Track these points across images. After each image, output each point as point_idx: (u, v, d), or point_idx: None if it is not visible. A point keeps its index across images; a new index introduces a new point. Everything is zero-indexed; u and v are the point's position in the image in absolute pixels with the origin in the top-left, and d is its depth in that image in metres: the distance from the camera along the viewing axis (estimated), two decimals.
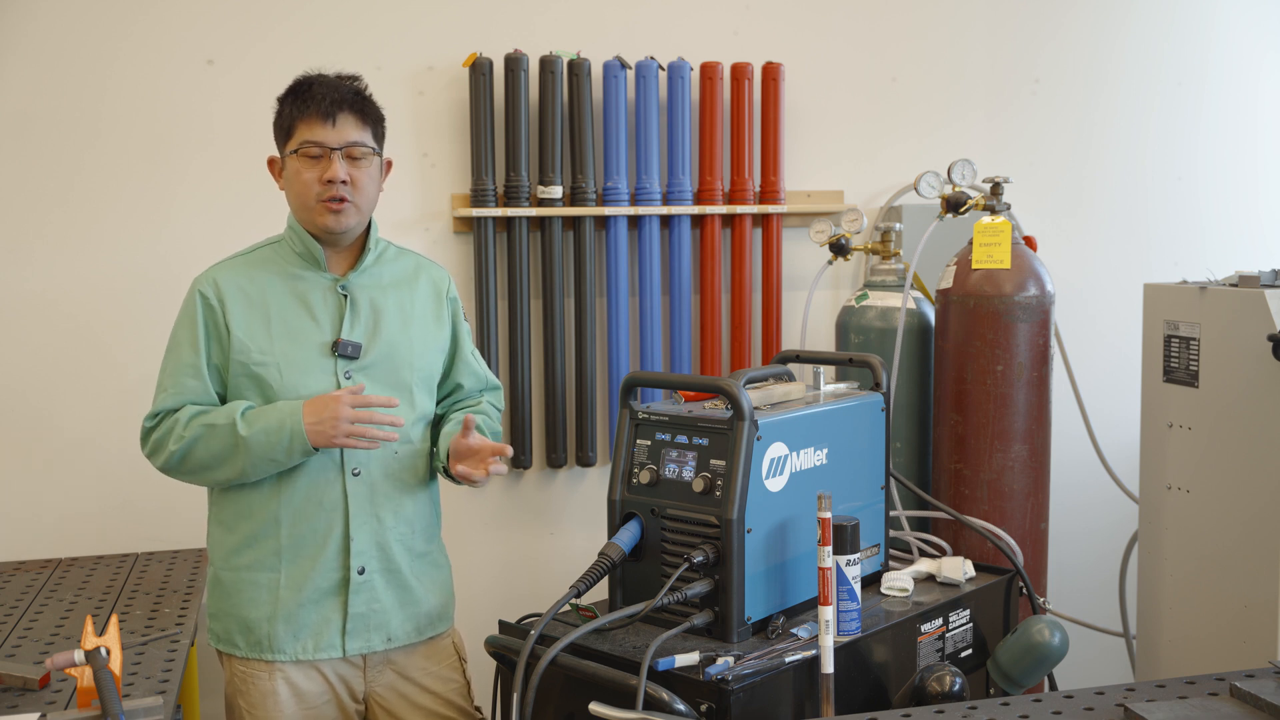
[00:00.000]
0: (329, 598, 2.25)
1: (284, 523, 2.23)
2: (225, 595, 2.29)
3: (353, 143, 2.21)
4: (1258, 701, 1.79)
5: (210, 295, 2.24)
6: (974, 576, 2.49)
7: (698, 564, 2.09)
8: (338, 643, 2.27)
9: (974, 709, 1.91)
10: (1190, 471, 2.86)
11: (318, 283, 2.28)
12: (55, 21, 2.96)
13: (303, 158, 2.21)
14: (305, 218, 2.25)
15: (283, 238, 2.32)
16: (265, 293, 2.25)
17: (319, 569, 2.24)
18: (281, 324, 2.23)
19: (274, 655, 2.25)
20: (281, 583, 2.24)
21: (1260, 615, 2.68)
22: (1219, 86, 3.98)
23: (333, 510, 2.24)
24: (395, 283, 2.34)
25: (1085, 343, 3.75)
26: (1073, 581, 3.79)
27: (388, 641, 2.31)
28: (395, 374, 2.30)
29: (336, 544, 2.25)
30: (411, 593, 2.33)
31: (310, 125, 2.20)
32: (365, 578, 2.26)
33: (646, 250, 3.34)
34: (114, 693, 1.72)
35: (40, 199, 2.99)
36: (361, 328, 2.27)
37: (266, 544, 2.25)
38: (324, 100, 2.19)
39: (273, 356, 2.22)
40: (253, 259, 2.30)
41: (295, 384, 2.21)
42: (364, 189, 2.24)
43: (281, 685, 2.26)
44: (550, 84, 3.19)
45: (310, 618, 2.25)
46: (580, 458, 3.34)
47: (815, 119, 3.56)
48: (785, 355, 2.63)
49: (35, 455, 3.03)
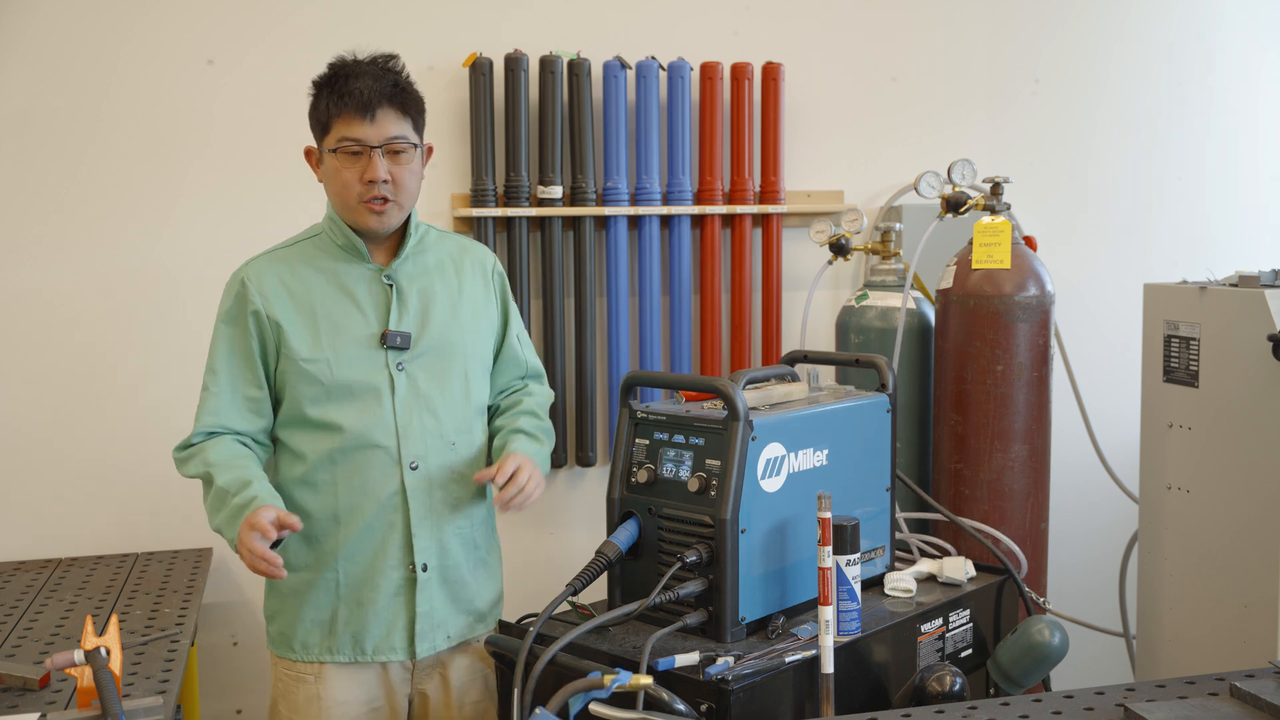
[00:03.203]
0: (393, 597, 2.20)
1: (342, 521, 2.19)
2: (281, 598, 2.24)
3: (393, 138, 2.14)
4: (1258, 701, 1.79)
5: (254, 291, 2.17)
6: (974, 576, 2.49)
7: (691, 563, 2.09)
8: (400, 645, 2.22)
9: (974, 709, 1.91)
10: (1190, 471, 2.86)
11: (362, 274, 2.22)
12: (55, 22, 2.96)
13: (342, 156, 2.14)
14: (346, 216, 2.20)
15: (322, 229, 2.26)
16: (309, 287, 2.19)
17: (381, 568, 2.19)
18: (328, 318, 2.18)
19: (332, 656, 2.20)
20: (341, 582, 2.20)
21: (1260, 615, 2.68)
22: (1219, 86, 3.98)
23: (391, 507, 2.19)
24: (440, 267, 2.29)
25: (1085, 343, 3.75)
26: (1073, 581, 3.79)
27: (447, 640, 2.27)
28: (447, 363, 2.25)
29: (399, 541, 2.20)
30: (468, 589, 2.29)
31: (349, 122, 2.12)
32: (428, 575, 2.22)
33: (646, 250, 3.34)
34: (114, 693, 1.72)
35: (40, 199, 2.99)
36: (410, 317, 2.22)
37: (324, 543, 2.20)
38: (361, 95, 2.11)
39: (321, 353, 2.16)
40: (292, 253, 2.23)
41: (346, 378, 2.17)
42: (405, 186, 2.17)
43: (327, 691, 2.21)
44: (550, 84, 3.19)
45: (374, 619, 2.20)
46: (580, 457, 3.34)
47: (815, 119, 3.56)
48: (793, 356, 2.62)
49: (35, 455, 3.03)
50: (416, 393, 2.21)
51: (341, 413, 2.17)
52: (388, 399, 2.19)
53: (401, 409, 2.20)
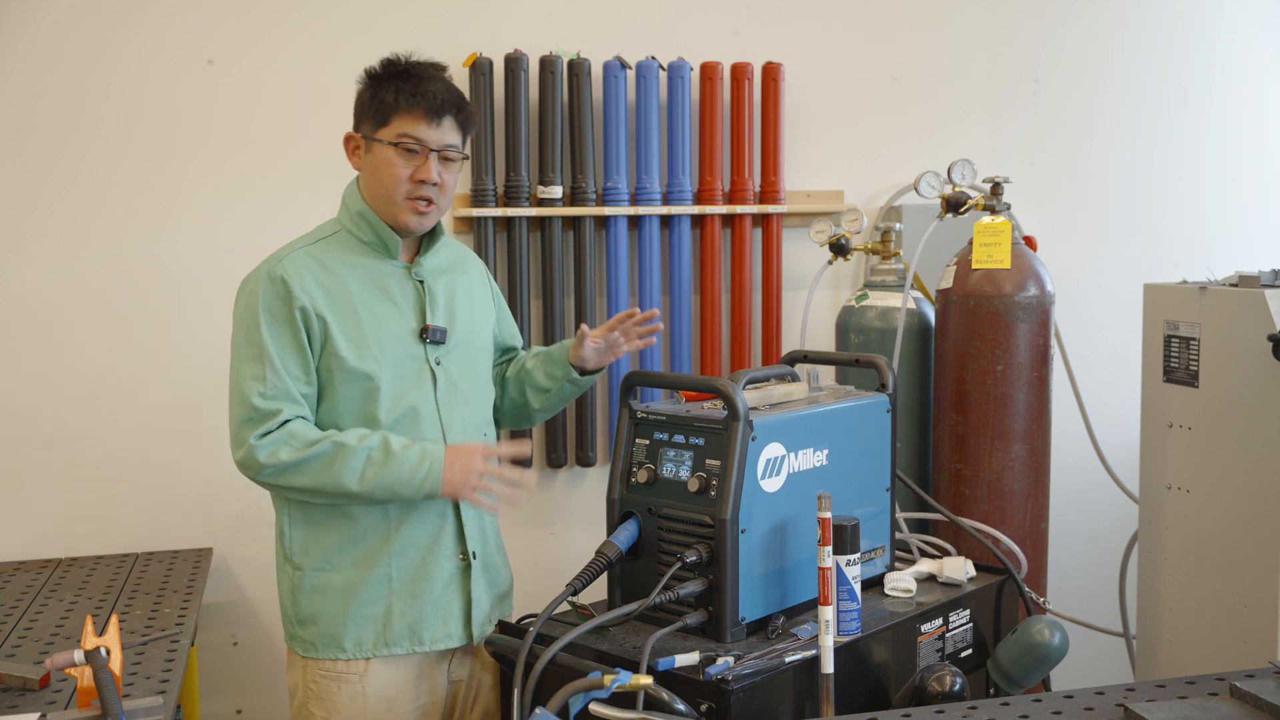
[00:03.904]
0: (446, 586, 2.24)
1: (392, 518, 2.20)
2: (326, 599, 2.21)
3: (450, 145, 2.20)
4: (1258, 701, 1.79)
5: (297, 288, 2.13)
6: (974, 576, 2.49)
7: (691, 563, 2.09)
8: (457, 632, 2.27)
9: (974, 709, 1.91)
10: (1190, 471, 2.86)
11: (392, 270, 2.25)
12: (55, 22, 2.96)
13: (400, 151, 2.16)
14: (386, 210, 2.20)
15: (342, 225, 2.25)
16: (344, 284, 2.19)
17: (435, 559, 2.23)
18: (370, 315, 2.19)
19: (389, 650, 2.21)
20: (393, 577, 2.21)
21: (1260, 615, 2.68)
22: (1219, 86, 3.98)
23: (442, 500, 2.20)
24: (452, 267, 2.36)
25: (1085, 343, 3.75)
26: (1073, 581, 3.79)
27: (490, 623, 2.33)
28: (472, 356, 2.33)
29: (451, 532, 2.25)
30: (500, 574, 2.38)
31: (414, 120, 2.15)
32: (477, 562, 2.28)
33: (646, 250, 3.34)
34: (114, 693, 1.72)
35: (40, 199, 2.99)
36: (441, 312, 2.28)
37: (371, 540, 2.20)
38: (434, 99, 2.15)
39: (369, 349, 2.17)
40: (319, 249, 2.21)
41: (393, 374, 2.19)
42: (449, 191, 2.24)
43: (373, 688, 2.22)
44: (550, 84, 3.19)
45: (430, 609, 2.23)
46: (580, 457, 3.34)
47: (815, 119, 3.56)
48: (793, 356, 2.62)
49: (35, 455, 3.03)
50: (453, 386, 2.27)
51: (388, 410, 2.19)
52: (430, 394, 2.24)
53: (444, 402, 2.25)
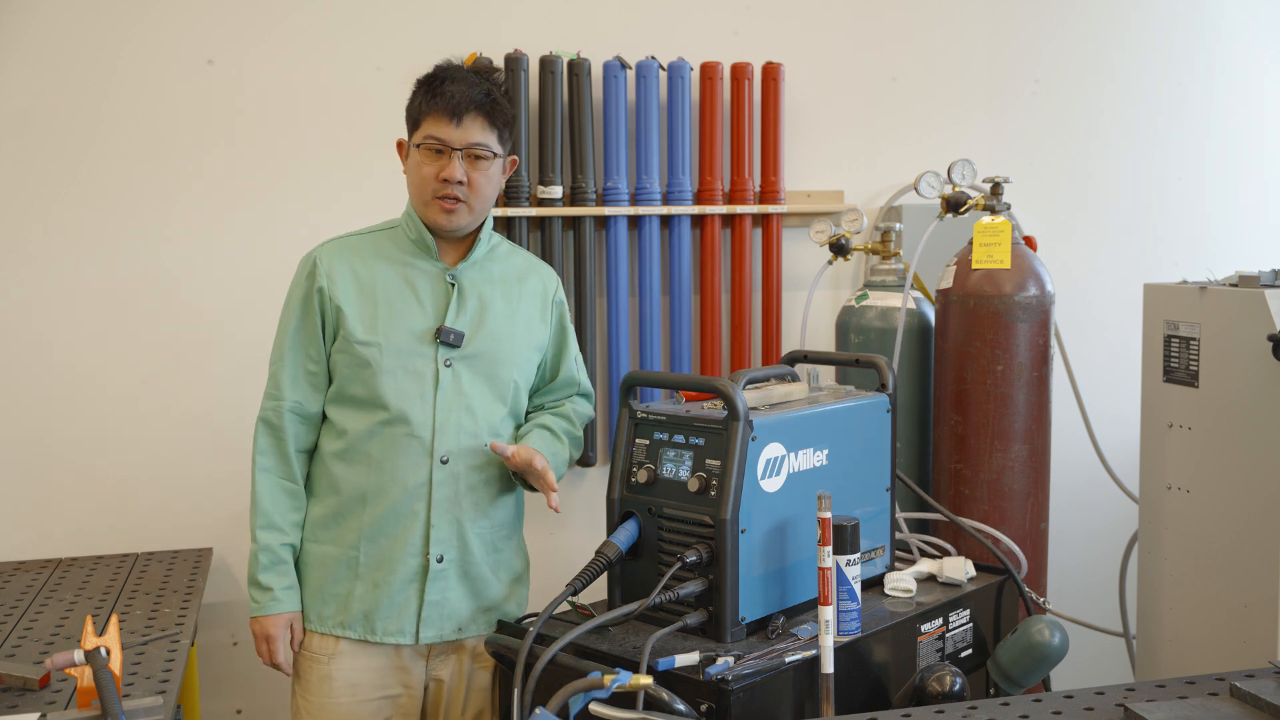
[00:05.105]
0: (407, 583, 2.28)
1: (369, 502, 2.27)
2: (307, 566, 2.33)
3: (475, 144, 2.24)
4: (1258, 701, 1.79)
5: (322, 272, 2.28)
6: (974, 576, 2.49)
7: (691, 563, 2.09)
8: (410, 629, 2.29)
9: (974, 709, 1.91)
10: (1190, 471, 2.86)
11: (428, 270, 2.32)
12: (55, 22, 2.96)
13: (425, 151, 2.25)
14: (421, 210, 2.30)
15: (399, 223, 2.36)
16: (374, 275, 2.29)
17: (398, 553, 2.27)
18: (387, 306, 2.28)
19: (344, 631, 2.28)
20: (361, 561, 2.28)
21: (1260, 615, 2.68)
22: (1219, 86, 3.98)
23: (416, 495, 2.27)
24: (504, 279, 2.38)
25: (1085, 343, 3.75)
26: (1073, 581, 3.79)
27: (458, 631, 2.33)
28: (495, 369, 2.33)
29: (419, 530, 2.27)
30: (490, 588, 2.36)
31: (437, 121, 2.23)
32: (443, 566, 2.29)
33: (646, 250, 3.34)
34: (114, 693, 1.72)
35: (40, 199, 2.99)
36: (467, 318, 2.31)
37: (350, 521, 2.29)
38: (452, 99, 2.22)
39: (376, 337, 2.25)
40: (365, 240, 2.34)
41: (395, 367, 2.25)
42: (480, 190, 2.27)
43: (340, 672, 2.29)
44: (550, 84, 3.19)
45: (386, 601, 2.27)
46: (580, 457, 3.34)
47: (815, 119, 3.56)
48: (793, 355, 2.62)
49: (35, 455, 3.03)
50: (459, 391, 2.29)
51: (384, 397, 2.25)
52: (430, 392, 2.27)
53: (442, 404, 2.27)
